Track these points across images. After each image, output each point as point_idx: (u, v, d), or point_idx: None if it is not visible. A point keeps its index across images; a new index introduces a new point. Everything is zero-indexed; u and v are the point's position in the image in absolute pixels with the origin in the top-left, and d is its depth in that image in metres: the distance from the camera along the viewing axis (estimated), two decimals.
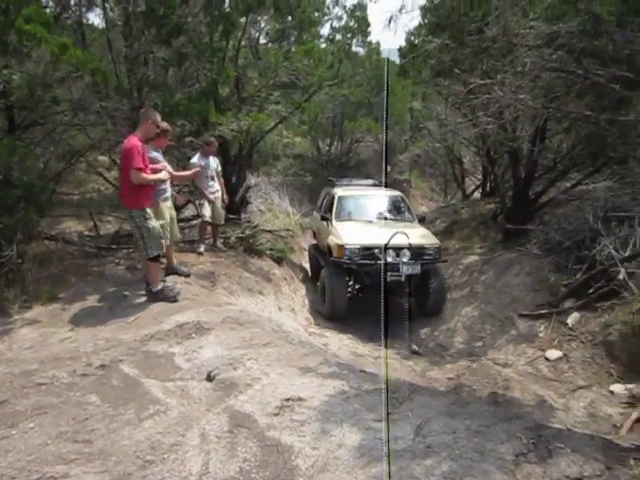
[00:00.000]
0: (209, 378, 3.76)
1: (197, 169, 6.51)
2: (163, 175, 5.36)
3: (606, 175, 9.58)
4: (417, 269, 7.63)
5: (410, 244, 7.58)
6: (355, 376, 3.86)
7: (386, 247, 7.43)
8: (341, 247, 7.76)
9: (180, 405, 3.43)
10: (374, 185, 10.74)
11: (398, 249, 7.60)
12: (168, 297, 5.30)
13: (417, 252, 7.73)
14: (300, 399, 3.39)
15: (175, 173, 6.10)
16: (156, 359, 4.10)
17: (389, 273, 7.39)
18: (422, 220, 9.30)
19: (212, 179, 7.82)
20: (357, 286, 9.07)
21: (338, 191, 9.75)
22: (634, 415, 4.76)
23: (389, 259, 7.48)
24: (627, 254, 6.81)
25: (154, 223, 5.20)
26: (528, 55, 4.54)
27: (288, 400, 3.38)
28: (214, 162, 7.91)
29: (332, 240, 8.22)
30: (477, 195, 16.77)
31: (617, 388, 5.35)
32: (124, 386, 3.68)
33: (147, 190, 5.20)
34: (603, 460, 2.74)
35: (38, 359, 4.07)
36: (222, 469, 2.76)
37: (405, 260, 7.58)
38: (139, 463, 2.81)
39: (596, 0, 4.16)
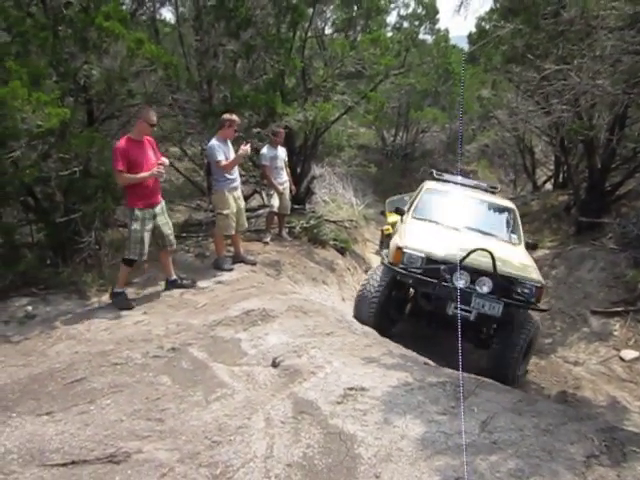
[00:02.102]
0: (274, 364, 3.84)
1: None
2: (147, 174, 4.98)
3: None
4: (497, 310, 5.22)
5: (496, 271, 5.20)
6: (419, 368, 3.84)
7: (460, 265, 5.14)
8: (399, 250, 5.70)
9: (246, 389, 3.53)
10: (484, 190, 8.33)
11: (476, 273, 5.36)
12: (121, 303, 5.10)
13: (503, 285, 5.34)
14: (363, 389, 3.41)
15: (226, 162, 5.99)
16: (223, 344, 4.23)
17: (453, 305, 5.29)
18: (533, 247, 6.76)
19: (281, 169, 7.89)
20: (406, 308, 6.50)
21: (429, 184, 7.75)
22: None
23: (459, 283, 5.25)
24: None
25: (139, 227, 5.03)
26: (608, 38, 4.31)
27: (351, 389, 3.40)
28: (282, 152, 7.97)
29: (393, 241, 6.35)
30: (549, 186, 16.13)
31: None
32: (193, 369, 3.82)
33: (136, 190, 5.01)
34: None
35: (114, 340, 4.29)
36: (286, 453, 2.82)
37: (482, 291, 5.31)
38: (207, 443, 2.92)
39: None
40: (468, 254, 5.22)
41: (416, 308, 6.23)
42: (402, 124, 20.26)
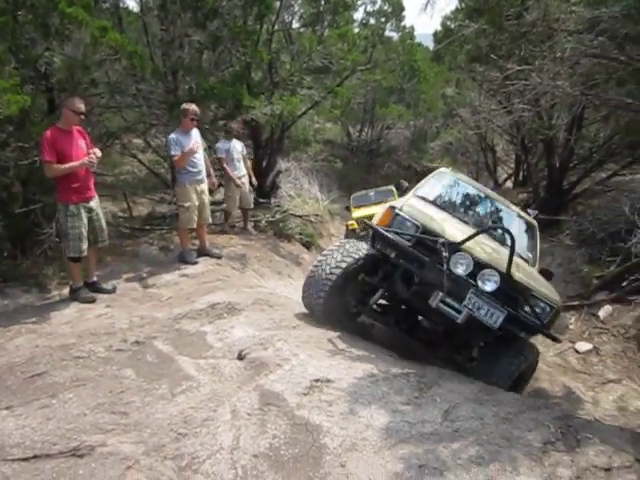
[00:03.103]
0: (240, 357, 3.85)
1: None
2: (76, 163, 4.71)
3: None
4: (496, 319, 3.90)
5: (510, 267, 3.93)
6: (384, 360, 3.90)
7: (459, 245, 4.05)
8: (390, 211, 4.45)
9: (212, 382, 3.52)
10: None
11: (479, 266, 4.08)
12: (82, 297, 4.99)
13: (511, 292, 4.06)
14: (329, 380, 3.44)
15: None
16: (189, 337, 4.21)
17: (440, 295, 3.96)
18: (547, 277, 4.97)
19: (238, 162, 7.83)
20: (371, 298, 4.67)
21: (443, 169, 6.32)
22: None
23: (458, 269, 4.01)
24: None
25: (76, 223, 4.81)
26: (568, 41, 4.46)
27: (317, 381, 3.44)
28: (238, 145, 7.90)
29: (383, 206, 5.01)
30: (509, 184, 16.55)
31: None
32: (158, 362, 3.79)
33: (68, 183, 4.75)
34: (632, 452, 2.73)
35: (75, 334, 4.21)
36: (252, 444, 2.84)
37: (484, 287, 3.99)
38: (172, 435, 2.90)
39: None
40: (480, 231, 4.20)
41: (387, 296, 4.76)
42: (368, 120, 20.43)
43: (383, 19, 13.40)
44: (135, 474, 2.56)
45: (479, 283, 3.98)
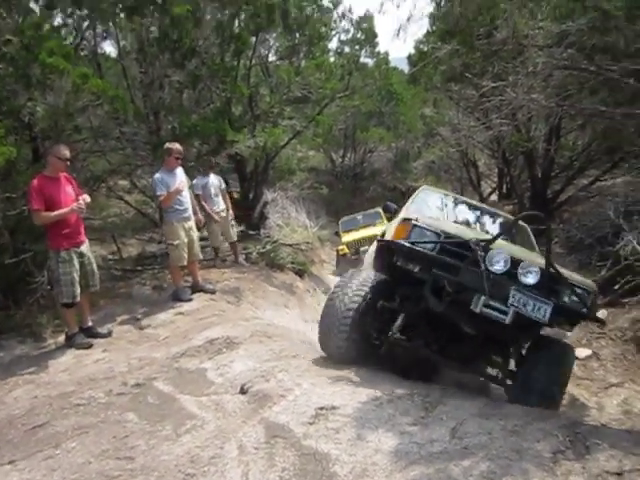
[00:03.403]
0: (242, 391, 3.82)
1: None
2: (65, 210, 4.72)
3: (624, 170, 9.55)
4: (545, 313, 3.60)
5: (549, 256, 3.72)
6: (386, 382, 3.88)
7: (492, 242, 3.78)
8: (405, 224, 4.08)
9: (216, 419, 3.49)
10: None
11: (516, 260, 3.74)
12: (78, 343, 4.94)
13: (555, 282, 3.77)
14: (334, 407, 3.42)
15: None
16: (189, 375, 4.17)
17: (483, 299, 3.62)
18: None
19: (216, 196, 7.79)
20: (397, 320, 4.19)
21: (426, 187, 6.40)
22: None
23: (497, 266, 3.68)
24: None
25: (68, 268, 4.80)
26: (539, 55, 4.59)
27: (322, 409, 3.41)
28: (216, 179, 7.88)
29: (391, 224, 4.78)
30: (494, 198, 16.74)
31: None
32: (160, 403, 3.75)
33: (58, 230, 4.76)
34: None
35: (74, 381, 4.17)
36: (262, 479, 2.80)
37: (527, 281, 3.68)
38: (180, 477, 2.86)
39: None
40: (516, 220, 4.31)
41: (414, 318, 4.23)
42: (350, 145, 20.71)
43: (357, 47, 13.67)
44: None
45: (520, 277, 3.68)
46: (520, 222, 5.83)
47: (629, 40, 4.23)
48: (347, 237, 13.93)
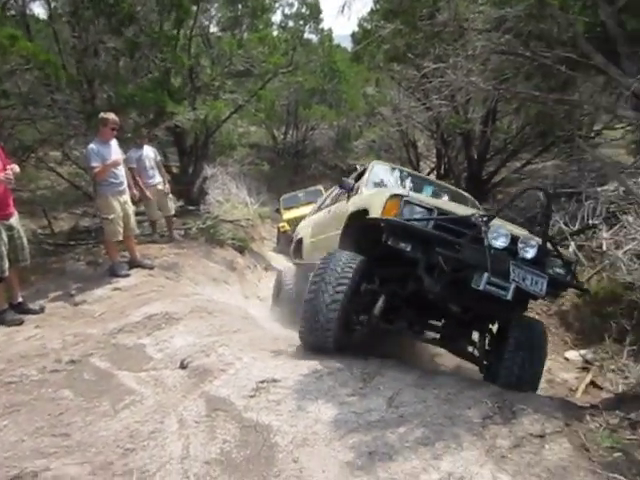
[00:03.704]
0: (182, 366, 3.80)
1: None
2: None
3: (554, 154, 10.02)
4: (541, 286, 3.52)
5: (547, 227, 3.76)
6: (327, 356, 3.96)
7: (494, 217, 3.70)
8: (394, 200, 3.79)
9: (155, 394, 3.46)
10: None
11: (513, 236, 3.62)
12: (7, 320, 4.76)
13: (547, 256, 3.75)
14: (275, 380, 3.47)
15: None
16: (127, 351, 4.10)
17: (486, 276, 3.42)
18: None
19: (151, 169, 7.54)
20: (379, 302, 4.07)
21: (378, 162, 6.28)
22: (587, 378, 5.08)
23: (499, 241, 3.53)
24: (576, 228, 7.18)
25: None
26: (478, 39, 4.71)
27: (263, 382, 3.45)
28: (151, 151, 7.61)
29: (368, 200, 4.28)
30: (432, 177, 17.11)
31: (571, 355, 5.68)
32: (97, 379, 3.67)
33: None
34: (562, 418, 2.96)
35: (4, 359, 3.99)
36: (203, 451, 2.81)
37: (527, 255, 3.59)
38: (119, 452, 2.83)
39: None
40: (522, 192, 4.11)
41: (395, 299, 4.17)
42: (292, 122, 20.58)
43: (302, 22, 13.56)
44: None
45: (521, 252, 3.58)
46: (467, 195, 6.03)
47: (562, 28, 4.41)
48: (288, 214, 13.95)
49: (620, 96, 4.12)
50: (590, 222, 7.13)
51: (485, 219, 3.58)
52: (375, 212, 3.89)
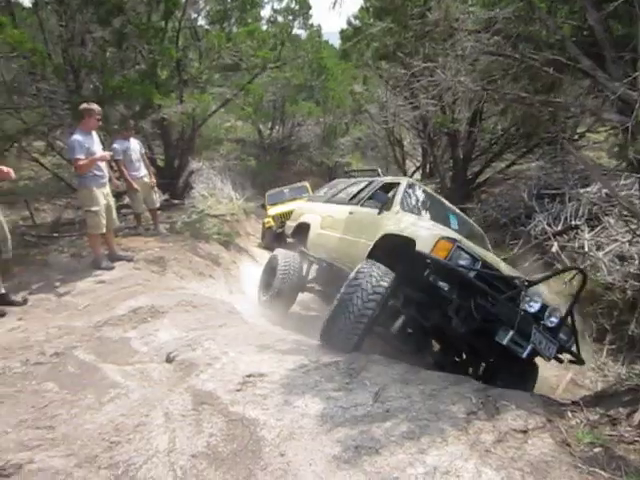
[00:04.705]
0: (168, 359, 3.79)
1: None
2: None
3: (538, 155, 10.15)
4: (551, 352, 3.97)
5: (575, 302, 4.11)
6: (313, 350, 3.98)
7: (534, 284, 3.97)
8: (446, 242, 4.02)
9: (141, 387, 3.45)
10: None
11: (544, 305, 4.04)
12: None
13: (563, 326, 4.15)
14: (261, 374, 3.48)
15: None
16: (112, 344, 4.08)
17: (511, 334, 3.75)
18: None
19: (137, 162, 7.52)
20: (398, 320, 4.38)
21: (412, 180, 6.34)
22: (568, 377, 5.17)
23: (533, 306, 3.92)
24: (559, 228, 7.29)
25: None
26: (468, 39, 4.73)
27: (249, 376, 3.46)
28: (137, 144, 7.58)
29: (415, 231, 4.39)
30: (417, 176, 17.22)
31: None
32: (81, 372, 3.65)
33: None
34: (544, 414, 3.01)
35: None
36: (189, 445, 2.81)
37: (551, 324, 4.05)
38: (104, 445, 2.82)
39: None
40: (559, 272, 4.36)
41: (414, 323, 4.46)
42: (278, 118, 20.52)
43: (291, 17, 13.51)
44: None
45: (545, 320, 4.02)
46: (479, 230, 6.29)
47: (550, 31, 4.46)
48: (273, 210, 13.92)
49: (606, 99, 4.17)
50: (573, 223, 7.25)
51: (527, 284, 3.89)
52: (423, 246, 4.08)
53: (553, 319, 4.05)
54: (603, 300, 5.79)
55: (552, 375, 5.28)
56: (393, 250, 4.55)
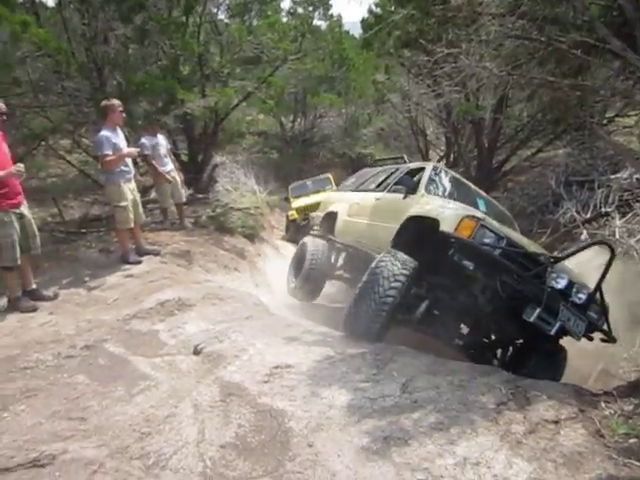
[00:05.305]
0: (196, 352, 3.83)
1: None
2: (2, 173, 4.49)
3: (566, 141, 9.92)
4: (580, 329, 3.93)
5: (603, 279, 3.88)
6: (339, 342, 3.97)
7: (560, 261, 3.99)
8: (470, 220, 3.97)
9: (170, 379, 3.49)
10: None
11: (571, 282, 4.02)
12: (22, 307, 4.78)
13: (590, 302, 4.07)
14: (288, 366, 3.48)
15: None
16: (141, 337, 4.14)
17: (538, 311, 3.71)
18: None
19: (165, 157, 7.63)
20: (422, 305, 4.38)
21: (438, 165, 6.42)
22: (599, 366, 5.06)
23: (560, 283, 3.93)
24: (588, 216, 7.13)
25: (8, 231, 4.60)
26: (492, 24, 4.63)
27: (277, 367, 3.47)
28: (163, 140, 7.69)
29: (439, 212, 4.32)
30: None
31: (584, 342, 5.63)
32: (111, 364, 3.71)
33: None
34: (577, 404, 2.95)
35: (20, 344, 4.03)
36: (218, 435, 2.84)
37: (579, 300, 4.01)
38: (136, 436, 2.86)
39: None
40: (585, 246, 4.09)
41: (438, 307, 4.51)
42: (300, 110, 20.50)
43: (311, 8, 13.42)
44: (102, 477, 2.51)
45: (573, 296, 3.98)
46: (508, 214, 6.36)
47: (578, 12, 4.33)
48: (297, 203, 13.92)
49: (637, 81, 4.04)
50: (603, 210, 7.08)
51: (552, 260, 3.87)
52: (447, 226, 4.03)
53: (581, 295, 4.00)
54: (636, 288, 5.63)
55: (584, 365, 5.19)
56: (418, 233, 4.51)
